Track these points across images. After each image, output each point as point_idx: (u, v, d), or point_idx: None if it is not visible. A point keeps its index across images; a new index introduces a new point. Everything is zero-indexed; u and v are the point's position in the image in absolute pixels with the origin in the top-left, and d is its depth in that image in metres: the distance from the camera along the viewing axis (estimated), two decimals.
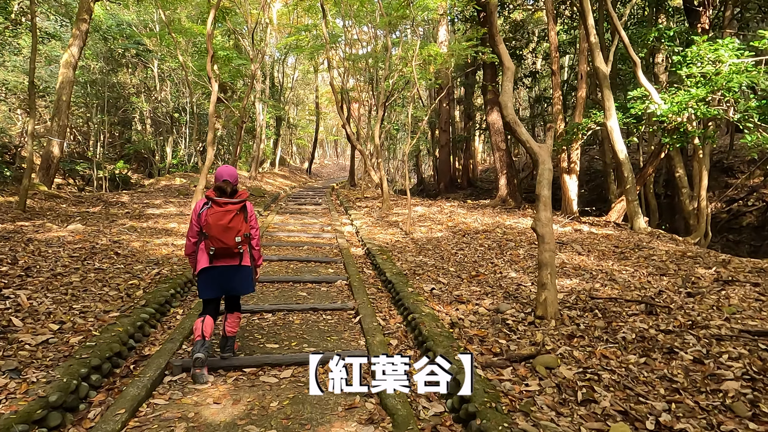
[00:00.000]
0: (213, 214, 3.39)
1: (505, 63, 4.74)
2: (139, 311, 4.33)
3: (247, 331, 4.34)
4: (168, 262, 6.36)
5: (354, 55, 19.36)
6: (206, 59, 15.25)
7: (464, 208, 12.90)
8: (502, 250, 7.61)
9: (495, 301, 4.94)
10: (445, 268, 6.50)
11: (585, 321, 4.21)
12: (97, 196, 13.06)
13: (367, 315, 4.56)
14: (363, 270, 6.92)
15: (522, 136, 4.56)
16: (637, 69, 9.06)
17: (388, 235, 9.15)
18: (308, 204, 15.57)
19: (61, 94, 12.28)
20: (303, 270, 6.74)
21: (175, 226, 9.17)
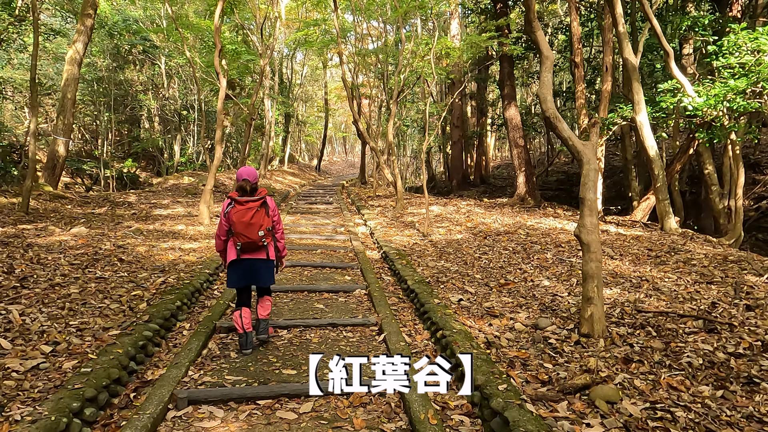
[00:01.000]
0: (236, 212, 3.71)
1: (543, 52, 4.27)
2: (141, 328, 3.94)
3: (261, 353, 3.92)
4: (175, 269, 5.98)
5: (364, 49, 18.89)
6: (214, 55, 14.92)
7: (481, 207, 12.41)
8: (529, 254, 7.14)
9: (531, 315, 4.49)
10: (470, 275, 6.04)
11: (638, 341, 3.75)
12: (103, 196, 12.75)
13: (392, 332, 4.12)
14: (381, 276, 6.49)
15: (563, 132, 4.09)
16: (670, 60, 8.50)
17: (404, 237, 8.71)
18: (319, 203, 15.17)
19: (66, 92, 11.95)
20: (318, 277, 6.31)
21: (182, 228, 8.80)
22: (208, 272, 5.94)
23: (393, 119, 12.18)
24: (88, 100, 18.18)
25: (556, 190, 20.59)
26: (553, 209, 12.18)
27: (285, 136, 28.88)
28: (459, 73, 21.46)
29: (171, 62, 17.87)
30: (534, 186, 13.02)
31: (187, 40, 11.50)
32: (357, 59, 20.10)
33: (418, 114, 27.24)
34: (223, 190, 16.40)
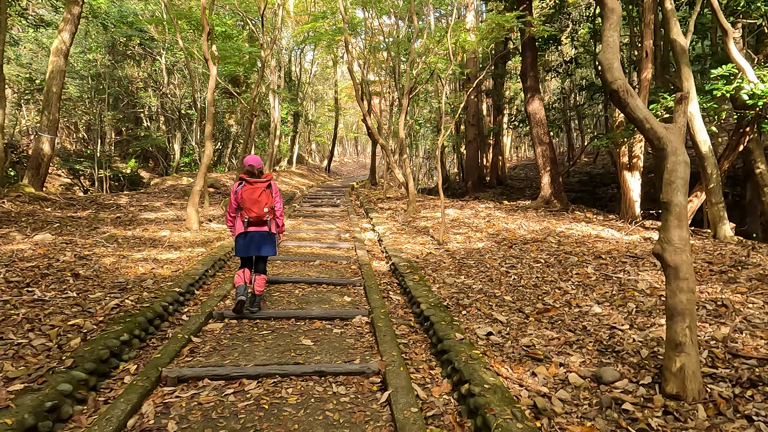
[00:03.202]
0: (246, 190, 4.38)
1: (608, 4, 3.13)
2: (57, 379, 2.88)
3: (211, 422, 2.80)
4: (140, 286, 4.94)
5: (376, 42, 17.83)
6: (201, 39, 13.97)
7: (502, 210, 11.23)
8: (565, 268, 5.98)
9: (588, 359, 3.35)
10: (498, 296, 4.91)
11: (758, 409, 2.59)
12: (92, 197, 11.84)
13: (399, 389, 2.99)
14: (389, 295, 5.38)
15: (637, 112, 2.95)
16: (729, 40, 7.26)
17: (417, 246, 7.60)
18: (325, 205, 14.12)
19: (51, 85, 11.07)
20: (311, 297, 5.21)
21: (166, 235, 7.79)
22: (179, 290, 4.89)
23: (404, 114, 11.09)
24: (86, 97, 17.36)
25: (578, 191, 19.28)
26: (583, 213, 10.95)
27: (293, 135, 27.90)
28: (475, 68, 20.29)
29: (171, 57, 16.97)
30: (560, 187, 11.80)
31: (183, 29, 10.53)
32: (367, 54, 19.10)
33: (431, 113, 26.13)
34: (224, 192, 15.45)
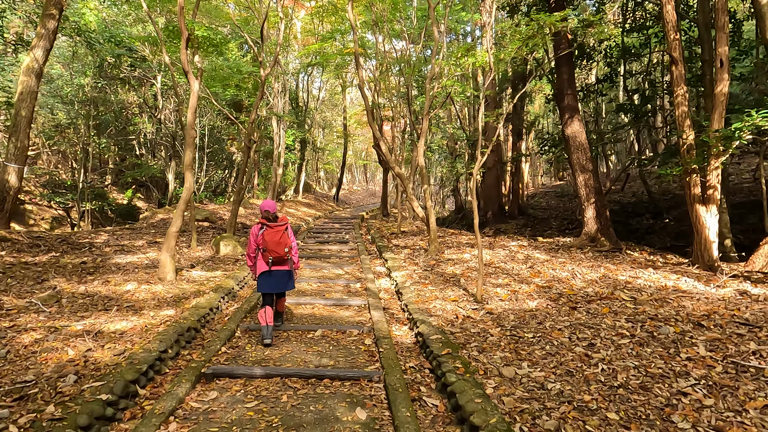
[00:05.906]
0: (268, 234, 4.94)
1: None
2: None
3: None
4: (51, 388, 3.27)
5: (388, 63, 16.51)
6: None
7: (540, 250, 9.47)
8: (666, 348, 4.21)
9: None
10: (594, 410, 3.17)
11: None
12: (64, 236, 10.30)
13: None
14: (421, 398, 3.66)
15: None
16: None
17: (448, 304, 5.88)
18: (332, 242, 12.47)
19: (20, 108, 9.71)
20: (304, 413, 3.46)
21: (130, 289, 6.15)
22: (105, 398, 3.21)
23: (424, 137, 9.51)
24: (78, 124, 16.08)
25: (612, 222, 17.44)
26: (639, 253, 9.16)
27: (300, 163, 26.52)
28: (493, 91, 18.92)
29: (166, 80, 15.71)
30: (608, 222, 10.06)
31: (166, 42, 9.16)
32: (378, 77, 17.84)
33: (443, 139, 24.70)
34: (220, 226, 13.90)
